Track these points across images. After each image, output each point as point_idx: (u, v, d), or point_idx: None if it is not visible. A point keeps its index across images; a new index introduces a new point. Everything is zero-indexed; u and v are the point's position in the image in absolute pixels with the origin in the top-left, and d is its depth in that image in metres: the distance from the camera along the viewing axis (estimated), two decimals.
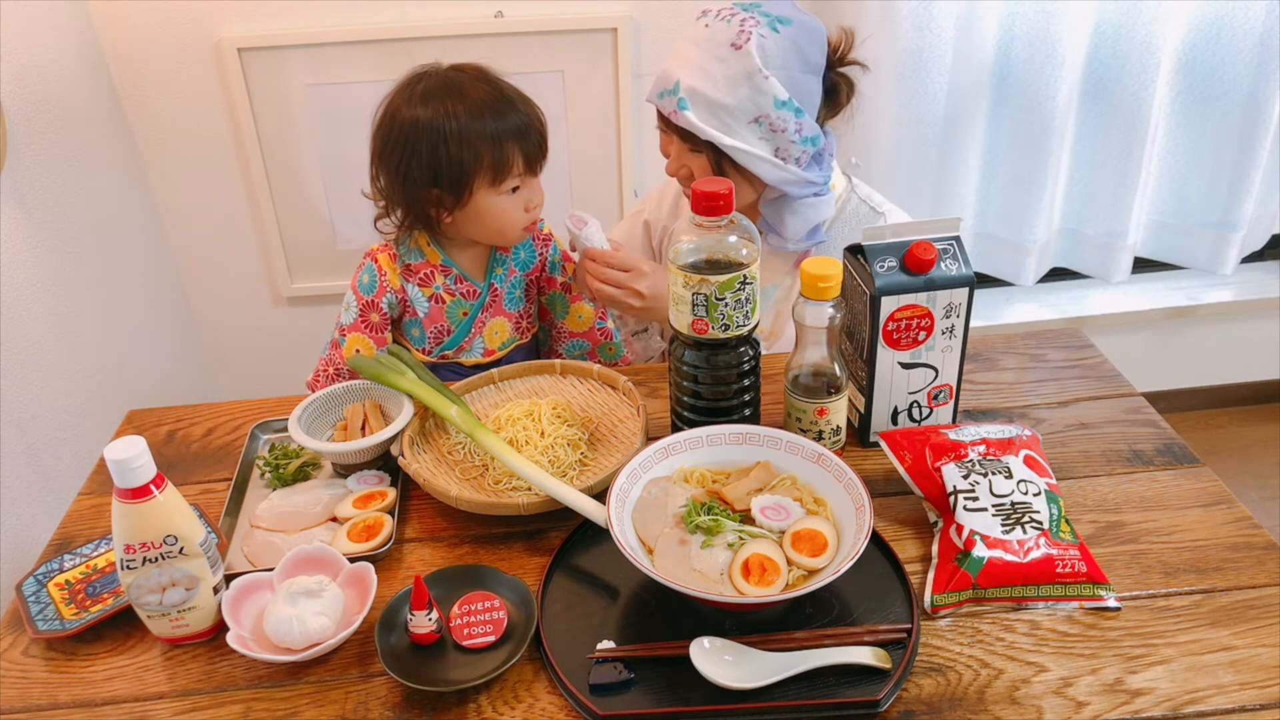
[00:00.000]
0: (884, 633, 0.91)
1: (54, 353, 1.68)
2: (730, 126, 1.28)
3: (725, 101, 1.27)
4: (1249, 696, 0.85)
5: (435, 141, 1.30)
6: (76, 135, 1.81)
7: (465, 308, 1.45)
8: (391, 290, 1.42)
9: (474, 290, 1.45)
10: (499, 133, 1.31)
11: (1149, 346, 2.56)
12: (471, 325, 1.46)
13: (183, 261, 2.21)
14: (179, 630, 0.94)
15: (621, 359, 1.58)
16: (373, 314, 1.43)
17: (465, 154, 1.30)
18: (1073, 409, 1.24)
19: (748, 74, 1.26)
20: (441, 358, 1.48)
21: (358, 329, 1.43)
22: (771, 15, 1.28)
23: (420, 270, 1.43)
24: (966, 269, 1.08)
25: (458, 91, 1.31)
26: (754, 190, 1.38)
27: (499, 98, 1.33)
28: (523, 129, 1.33)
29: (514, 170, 1.33)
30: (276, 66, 1.99)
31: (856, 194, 1.45)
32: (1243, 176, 2.21)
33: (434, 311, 1.45)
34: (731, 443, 1.05)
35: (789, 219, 1.37)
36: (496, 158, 1.31)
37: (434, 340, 1.47)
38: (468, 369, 1.48)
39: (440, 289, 1.44)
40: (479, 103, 1.31)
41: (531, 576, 1.00)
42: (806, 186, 1.34)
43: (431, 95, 1.31)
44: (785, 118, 1.28)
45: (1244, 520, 1.04)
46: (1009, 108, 2.13)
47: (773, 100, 1.27)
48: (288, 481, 1.16)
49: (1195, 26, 2.10)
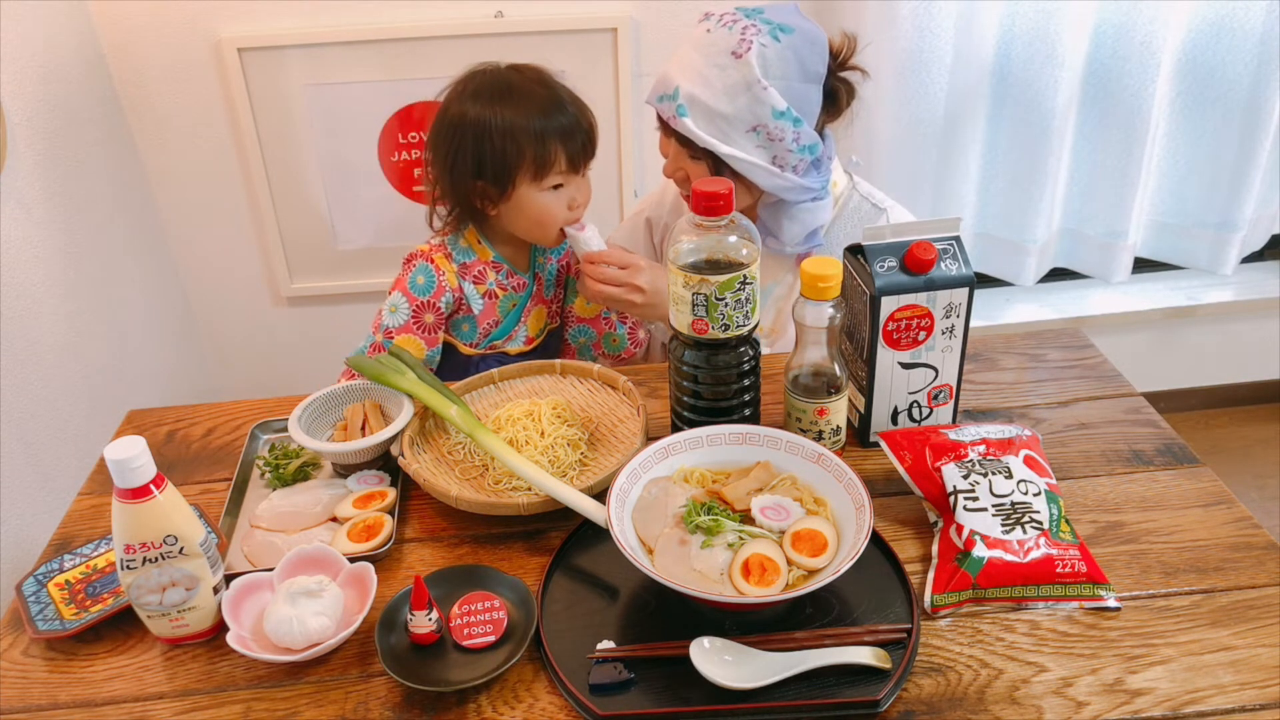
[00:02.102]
0: (884, 633, 0.91)
1: (54, 353, 1.68)
2: (728, 135, 1.29)
3: (723, 110, 1.27)
4: (1249, 696, 0.85)
5: (481, 134, 1.35)
6: (76, 135, 1.81)
7: (515, 300, 1.49)
8: (450, 290, 1.44)
9: (522, 282, 1.49)
10: (544, 130, 1.34)
11: (1149, 346, 2.56)
12: (520, 315, 1.50)
13: (183, 261, 2.21)
14: (179, 630, 0.94)
15: (625, 351, 1.58)
16: (427, 315, 1.43)
17: (510, 148, 1.34)
18: (1073, 409, 1.24)
19: (747, 84, 1.26)
20: (490, 348, 1.51)
21: (409, 330, 1.43)
22: (774, 23, 1.28)
23: (474, 268, 1.46)
24: (966, 269, 1.08)
25: (508, 88, 1.36)
26: (751, 195, 1.38)
27: (548, 97, 1.37)
28: (569, 129, 1.36)
29: (556, 167, 1.36)
30: (276, 66, 1.98)
31: (858, 191, 1.46)
32: (1243, 177, 2.21)
33: (488, 307, 1.47)
34: (731, 443, 1.05)
35: (786, 224, 1.38)
36: (539, 154, 1.34)
37: (483, 334, 1.49)
38: (513, 358, 1.51)
39: (494, 285, 1.47)
40: (527, 100, 1.35)
41: (531, 576, 1.00)
42: (804, 193, 1.34)
43: (483, 91, 1.36)
44: (783, 127, 1.28)
45: (1244, 520, 1.04)
46: (1009, 108, 2.13)
47: (771, 110, 1.27)
48: (288, 481, 1.16)
49: (1195, 27, 2.10)
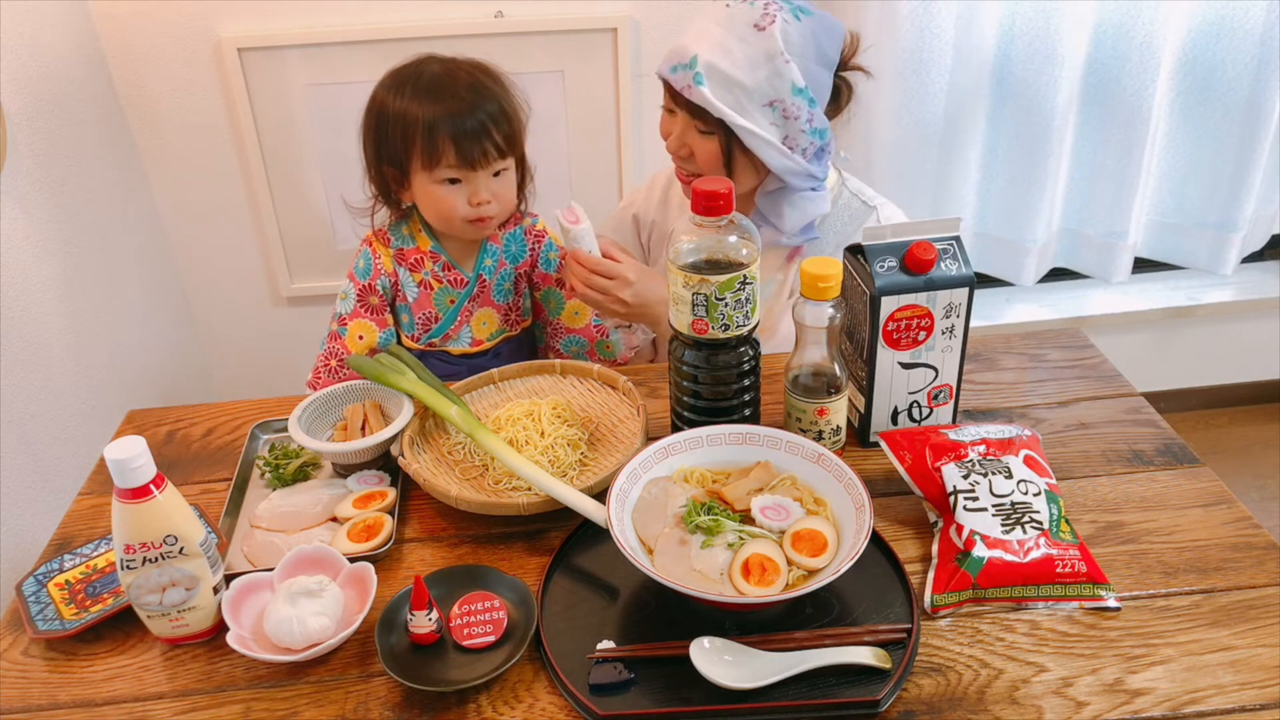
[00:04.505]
0: (884, 633, 0.91)
1: (54, 353, 1.68)
2: (745, 107, 1.27)
3: (743, 81, 1.26)
4: (1249, 696, 0.85)
5: (383, 120, 1.34)
6: (76, 135, 1.81)
7: (453, 295, 1.47)
8: (385, 274, 1.45)
9: (462, 279, 1.46)
10: (434, 121, 1.30)
11: (1149, 346, 2.56)
12: (458, 314, 1.48)
13: (183, 261, 2.21)
14: (179, 630, 0.94)
15: (619, 357, 1.58)
16: (371, 297, 1.45)
17: (402, 135, 1.32)
18: (1073, 409, 1.24)
19: (769, 55, 1.25)
20: (429, 345, 1.50)
21: (358, 315, 1.45)
22: (794, 4, 1.28)
23: (411, 255, 1.45)
24: (966, 269, 1.08)
25: (417, 76, 1.33)
26: (756, 177, 1.37)
27: (452, 89, 1.31)
28: (464, 123, 1.30)
29: (446, 160, 1.32)
30: (276, 66, 1.98)
31: (847, 188, 1.45)
32: (1243, 176, 2.21)
33: (423, 297, 1.46)
34: (731, 443, 1.05)
35: (787, 210, 1.37)
36: (427, 145, 1.31)
37: (422, 327, 1.48)
38: (456, 358, 1.50)
39: (429, 275, 1.45)
40: (430, 91, 1.31)
41: (531, 576, 1.00)
42: (807, 179, 1.34)
43: (398, 78, 1.35)
44: (799, 105, 1.28)
45: (1244, 520, 1.04)
46: (1009, 108, 2.13)
47: (790, 86, 1.26)
48: (288, 481, 1.16)
49: (1195, 26, 2.10)
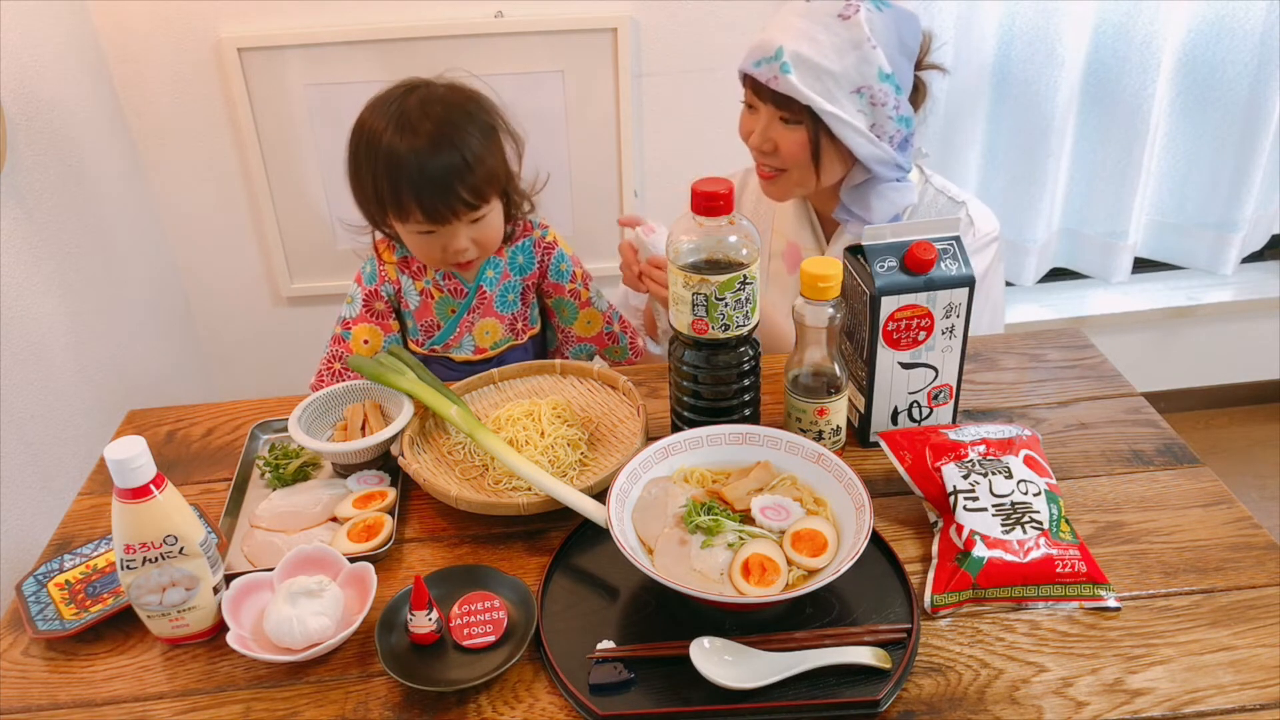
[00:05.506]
0: (884, 633, 0.91)
1: (54, 353, 1.68)
2: (832, 94, 1.27)
3: (831, 68, 1.25)
4: (1249, 696, 0.85)
5: (357, 160, 1.32)
6: (76, 135, 1.81)
7: (453, 305, 1.47)
8: (389, 281, 1.46)
9: (461, 289, 1.46)
10: (398, 175, 1.27)
11: (1149, 346, 2.56)
12: (458, 324, 1.48)
13: (183, 261, 2.21)
14: (179, 630, 0.94)
15: (626, 360, 1.58)
16: (377, 302, 1.46)
17: (374, 184, 1.31)
18: (1073, 409, 1.24)
19: (855, 42, 1.25)
20: (432, 351, 1.50)
21: (363, 319, 1.46)
22: None
23: (414, 263, 1.46)
24: (966, 269, 1.08)
25: (400, 116, 1.28)
26: (843, 168, 1.36)
27: (420, 144, 1.26)
28: (425, 175, 1.26)
29: (414, 218, 1.30)
30: (276, 66, 1.98)
31: (932, 185, 1.44)
32: (1243, 176, 2.21)
33: (424, 305, 1.47)
34: (731, 443, 1.05)
35: (875, 202, 1.36)
36: (393, 201, 1.30)
37: (425, 334, 1.49)
38: (459, 364, 1.50)
39: (430, 284, 1.46)
40: (397, 126, 1.27)
41: (531, 576, 1.00)
42: (894, 169, 1.33)
43: (374, 110, 1.31)
44: (887, 91, 1.27)
45: (1244, 520, 1.04)
46: (1009, 108, 2.13)
47: (878, 71, 1.26)
48: (288, 481, 1.16)
49: (1195, 26, 2.10)
